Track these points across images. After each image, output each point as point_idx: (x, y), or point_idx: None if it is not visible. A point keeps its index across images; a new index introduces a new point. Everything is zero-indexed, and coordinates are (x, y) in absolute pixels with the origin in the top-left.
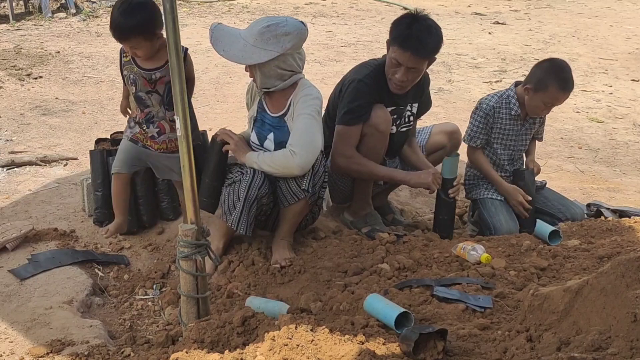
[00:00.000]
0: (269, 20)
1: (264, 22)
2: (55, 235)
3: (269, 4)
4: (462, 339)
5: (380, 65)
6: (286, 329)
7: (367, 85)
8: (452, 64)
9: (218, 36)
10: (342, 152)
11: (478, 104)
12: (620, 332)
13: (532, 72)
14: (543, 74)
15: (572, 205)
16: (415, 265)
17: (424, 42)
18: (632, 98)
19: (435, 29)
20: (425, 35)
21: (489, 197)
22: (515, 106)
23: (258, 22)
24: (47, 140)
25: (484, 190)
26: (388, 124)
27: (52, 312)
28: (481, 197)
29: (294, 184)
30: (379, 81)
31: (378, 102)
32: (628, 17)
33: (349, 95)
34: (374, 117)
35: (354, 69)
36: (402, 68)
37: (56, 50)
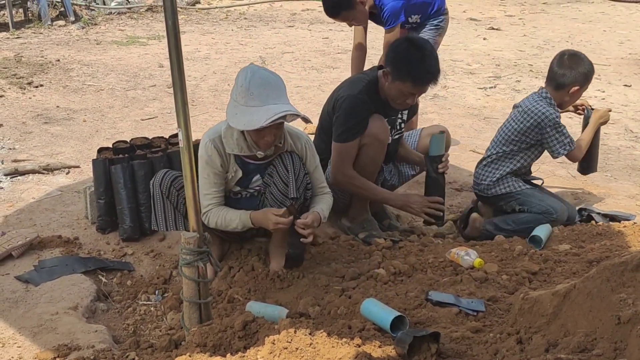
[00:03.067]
0: (266, 75)
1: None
2: (60, 242)
3: (265, 10)
4: (455, 341)
5: (372, 81)
6: (286, 333)
7: (361, 101)
8: (447, 69)
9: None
10: (342, 172)
11: (546, 119)
12: (605, 334)
13: (556, 71)
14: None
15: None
16: (411, 270)
17: (436, 72)
18: (624, 103)
19: (435, 52)
20: (434, 63)
21: (526, 188)
22: (558, 109)
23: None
24: (49, 148)
25: (515, 182)
26: (387, 133)
27: (58, 318)
28: (518, 190)
29: (278, 193)
30: (372, 96)
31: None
32: (621, 22)
33: (344, 112)
34: (373, 128)
35: (346, 84)
36: (414, 96)
37: (56, 58)
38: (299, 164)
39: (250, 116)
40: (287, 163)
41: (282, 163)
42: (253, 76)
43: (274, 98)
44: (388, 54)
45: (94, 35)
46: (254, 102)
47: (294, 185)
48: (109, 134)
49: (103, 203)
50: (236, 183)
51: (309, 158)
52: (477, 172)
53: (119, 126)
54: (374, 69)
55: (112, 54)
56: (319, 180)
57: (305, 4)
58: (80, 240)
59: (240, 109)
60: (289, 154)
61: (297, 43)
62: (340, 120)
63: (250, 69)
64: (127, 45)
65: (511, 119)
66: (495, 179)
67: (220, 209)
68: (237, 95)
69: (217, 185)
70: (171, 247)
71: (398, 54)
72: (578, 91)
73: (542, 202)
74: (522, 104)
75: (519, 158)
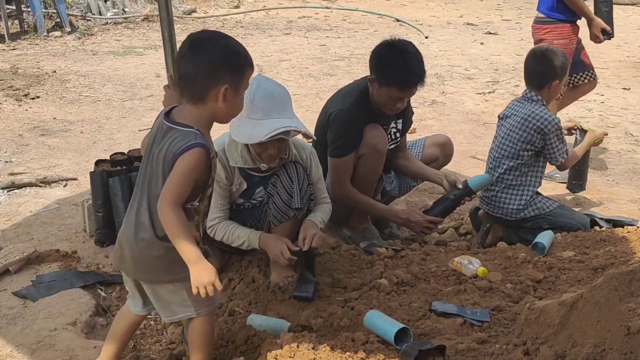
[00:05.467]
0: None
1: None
2: (58, 256)
3: (262, 18)
4: (460, 353)
5: (363, 91)
6: (288, 347)
7: (354, 114)
8: (445, 75)
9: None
10: (340, 188)
11: (549, 124)
12: (615, 344)
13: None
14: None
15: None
16: (414, 279)
17: (420, 73)
18: (624, 107)
19: (418, 52)
20: (417, 65)
21: (556, 207)
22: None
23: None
24: (46, 161)
25: (544, 203)
26: (385, 143)
27: (57, 334)
28: (548, 211)
29: (282, 203)
30: (364, 107)
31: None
32: (618, 24)
33: (337, 127)
34: (371, 138)
35: (338, 97)
36: (403, 100)
37: (52, 69)
38: (303, 175)
39: (252, 129)
40: (292, 173)
41: (287, 173)
42: (258, 88)
43: (278, 112)
44: (370, 60)
45: (90, 46)
46: (257, 115)
47: (298, 195)
48: (107, 145)
49: (101, 216)
50: (240, 195)
51: (313, 169)
52: (495, 196)
53: (116, 137)
54: (365, 78)
55: (108, 65)
56: (321, 190)
57: (301, 12)
58: (78, 254)
59: (243, 121)
60: (293, 164)
61: (294, 51)
62: (334, 136)
63: (256, 80)
64: (123, 56)
65: (509, 130)
66: (523, 203)
67: (227, 224)
68: None
69: (223, 197)
70: None
71: (380, 60)
72: (558, 85)
73: (572, 220)
74: (517, 112)
75: (535, 172)
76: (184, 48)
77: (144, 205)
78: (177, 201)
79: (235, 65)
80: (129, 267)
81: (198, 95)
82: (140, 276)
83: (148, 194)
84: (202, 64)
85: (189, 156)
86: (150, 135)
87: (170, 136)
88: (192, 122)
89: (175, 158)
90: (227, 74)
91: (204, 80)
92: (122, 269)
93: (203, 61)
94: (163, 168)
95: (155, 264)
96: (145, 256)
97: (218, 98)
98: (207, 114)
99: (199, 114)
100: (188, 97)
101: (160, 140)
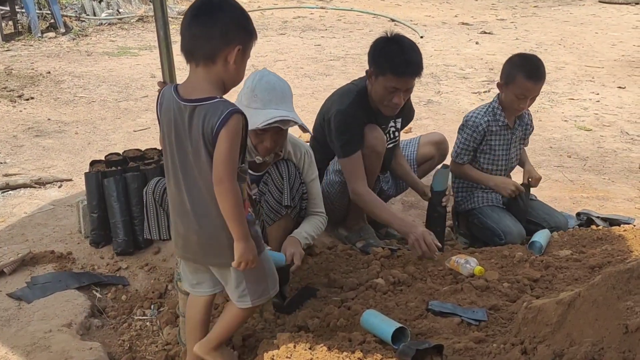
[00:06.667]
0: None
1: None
2: (53, 258)
3: (257, 19)
4: (458, 352)
5: (361, 91)
6: (285, 348)
7: (352, 114)
8: (440, 75)
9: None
10: (353, 188)
11: (465, 121)
12: (613, 343)
13: (502, 68)
14: (510, 67)
15: (556, 214)
16: (411, 279)
17: (416, 62)
18: (619, 105)
19: (415, 44)
20: (414, 55)
21: (487, 205)
22: (501, 117)
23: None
24: (41, 162)
25: (479, 199)
26: (384, 144)
27: (52, 336)
28: (479, 206)
29: (274, 202)
30: (363, 107)
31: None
32: (613, 24)
33: (338, 129)
34: (370, 139)
35: (335, 97)
36: (400, 91)
37: (47, 70)
38: (294, 172)
39: (250, 117)
40: (282, 170)
41: (277, 170)
42: (260, 80)
43: (277, 103)
44: (369, 53)
45: (84, 47)
46: (256, 105)
47: (288, 192)
48: (102, 146)
49: (96, 217)
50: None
51: (306, 169)
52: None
53: (111, 138)
54: (364, 78)
55: (103, 65)
56: (314, 195)
57: (296, 12)
58: (73, 255)
59: (242, 110)
60: (284, 161)
61: (289, 51)
62: (337, 137)
63: (260, 72)
64: (118, 56)
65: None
66: (464, 194)
67: None
68: (243, 96)
69: None
70: (166, 260)
71: (377, 50)
72: (500, 88)
73: (495, 224)
74: None
75: (476, 167)
76: (194, 10)
77: (198, 191)
78: (233, 175)
79: (248, 27)
80: (197, 255)
81: (211, 54)
82: (210, 261)
83: (199, 179)
84: (218, 22)
85: (229, 126)
86: (167, 122)
87: (199, 114)
88: (209, 92)
89: (216, 132)
90: (241, 34)
91: (219, 38)
92: (189, 258)
93: (219, 19)
94: (205, 146)
95: (225, 246)
96: (213, 240)
97: (229, 59)
98: (217, 77)
99: (209, 78)
100: (201, 58)
101: (188, 122)
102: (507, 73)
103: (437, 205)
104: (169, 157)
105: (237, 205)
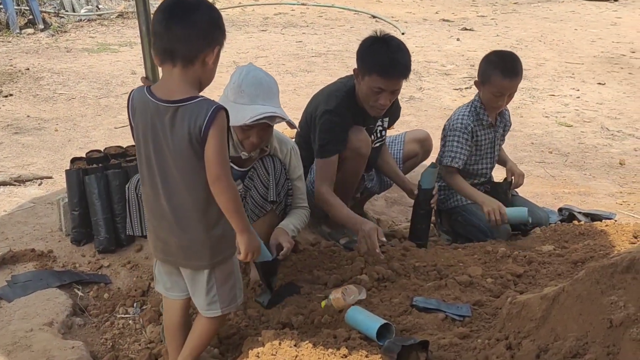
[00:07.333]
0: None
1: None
2: (33, 256)
3: (238, 15)
4: (443, 348)
5: (349, 91)
6: (270, 345)
7: (339, 115)
8: (422, 71)
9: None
10: (318, 188)
11: (451, 125)
12: (597, 337)
13: (479, 66)
14: (486, 65)
15: (537, 210)
16: (394, 275)
17: (403, 64)
18: (599, 101)
19: (404, 45)
20: (401, 56)
21: (471, 202)
22: (485, 116)
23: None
24: (20, 159)
25: (463, 196)
26: (369, 146)
27: (33, 335)
28: (462, 204)
29: (259, 197)
30: (350, 108)
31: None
32: (592, 20)
33: (323, 129)
34: (355, 141)
35: (323, 96)
36: (385, 93)
37: (25, 67)
38: (280, 168)
39: (236, 113)
40: (268, 166)
41: (263, 166)
42: (247, 75)
43: (263, 99)
44: (357, 52)
45: (64, 43)
46: (242, 100)
47: (274, 188)
48: (82, 143)
49: (77, 214)
50: None
51: (292, 165)
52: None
53: (92, 135)
54: (352, 76)
55: (83, 62)
56: (300, 190)
57: (277, 8)
58: (54, 254)
59: (229, 105)
60: (270, 157)
61: (270, 47)
62: (320, 137)
63: (247, 67)
64: (98, 53)
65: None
66: (447, 193)
67: None
68: (229, 91)
69: None
70: (148, 257)
71: (364, 50)
72: (479, 87)
73: (479, 222)
74: None
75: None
76: (170, 9)
77: (178, 194)
78: (228, 171)
79: (223, 27)
80: (177, 257)
81: (192, 55)
82: (191, 263)
83: (181, 181)
84: (198, 22)
85: (217, 124)
86: (142, 126)
87: (182, 114)
88: (188, 92)
89: (205, 131)
90: (218, 35)
91: (201, 39)
92: (168, 261)
93: (199, 20)
94: (192, 146)
95: (207, 247)
96: (195, 242)
97: (208, 60)
98: (195, 77)
99: (187, 79)
100: (180, 59)
101: (170, 123)
102: (484, 71)
103: (424, 203)
104: (144, 161)
105: (236, 199)
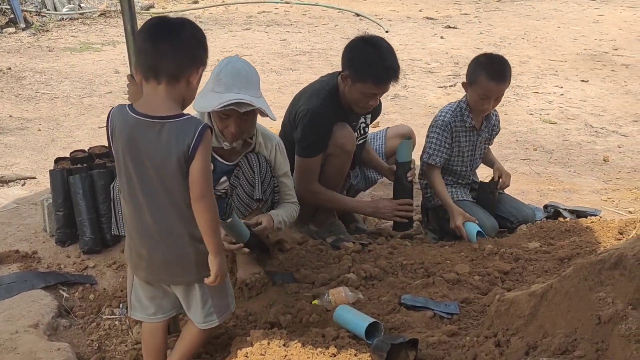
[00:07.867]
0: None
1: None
2: (17, 257)
3: (221, 14)
4: (432, 346)
5: (332, 90)
6: (259, 345)
7: (322, 115)
8: (406, 69)
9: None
10: (307, 188)
11: (434, 121)
12: (586, 334)
13: (468, 68)
14: (474, 67)
15: (523, 207)
16: (382, 273)
17: (395, 68)
18: (582, 99)
19: (392, 48)
20: (392, 60)
21: (458, 200)
22: (468, 118)
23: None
24: (2, 159)
25: (450, 194)
26: (353, 143)
27: (18, 337)
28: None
29: (244, 195)
30: (333, 107)
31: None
32: (574, 18)
33: (305, 128)
34: (339, 138)
35: (306, 95)
36: (377, 96)
37: (7, 66)
38: (265, 166)
39: (209, 101)
40: (253, 163)
41: (248, 163)
42: (227, 65)
43: (239, 88)
44: (345, 55)
45: (46, 42)
46: (219, 89)
47: (259, 186)
48: (66, 143)
49: (62, 215)
50: None
51: (278, 161)
52: (423, 185)
53: (75, 135)
54: (334, 74)
55: (65, 61)
56: (287, 186)
57: (261, 7)
58: (39, 255)
59: (205, 94)
60: (255, 154)
61: (254, 46)
62: (302, 136)
63: (228, 58)
64: (80, 52)
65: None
66: (431, 191)
67: None
68: (209, 81)
69: None
70: None
71: (355, 55)
72: (466, 87)
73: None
74: None
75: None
76: (157, 28)
77: (163, 210)
78: (212, 189)
79: (207, 46)
80: (161, 274)
81: (177, 73)
82: (176, 280)
83: (165, 197)
84: (184, 42)
85: (204, 143)
86: (123, 142)
87: (169, 130)
88: (173, 109)
89: (193, 150)
90: (203, 54)
91: (187, 59)
92: (151, 280)
93: (186, 40)
94: (178, 163)
95: (192, 262)
96: (180, 257)
97: (192, 79)
98: (179, 94)
99: (171, 96)
100: (164, 76)
101: (156, 138)
102: (472, 72)
103: (403, 178)
104: (124, 178)
105: (216, 219)
